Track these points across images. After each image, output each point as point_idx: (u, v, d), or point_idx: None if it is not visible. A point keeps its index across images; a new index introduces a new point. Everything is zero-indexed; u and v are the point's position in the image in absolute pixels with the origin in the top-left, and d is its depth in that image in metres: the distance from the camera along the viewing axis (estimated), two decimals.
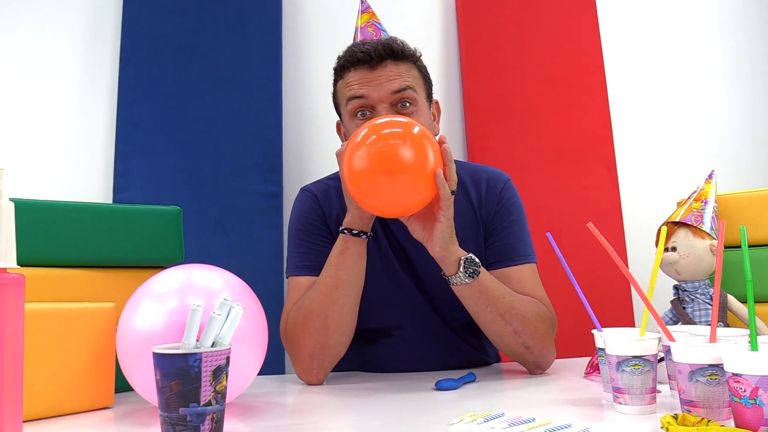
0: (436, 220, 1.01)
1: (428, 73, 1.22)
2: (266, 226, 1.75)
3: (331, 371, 1.12)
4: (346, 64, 1.15)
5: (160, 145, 1.74)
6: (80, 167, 1.79)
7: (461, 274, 1.04)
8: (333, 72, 1.21)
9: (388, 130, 1.00)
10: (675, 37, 2.18)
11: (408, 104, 1.13)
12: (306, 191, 1.26)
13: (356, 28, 1.50)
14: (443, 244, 1.02)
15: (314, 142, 1.91)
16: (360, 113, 1.14)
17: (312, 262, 1.15)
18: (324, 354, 1.07)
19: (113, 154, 1.74)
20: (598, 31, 2.05)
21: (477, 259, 1.05)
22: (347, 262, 1.07)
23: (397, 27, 1.93)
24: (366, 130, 1.00)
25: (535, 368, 1.11)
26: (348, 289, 1.07)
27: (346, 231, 1.08)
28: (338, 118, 1.24)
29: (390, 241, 1.19)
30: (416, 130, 0.99)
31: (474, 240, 1.17)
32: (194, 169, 1.74)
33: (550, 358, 1.12)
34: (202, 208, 1.71)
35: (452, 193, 1.01)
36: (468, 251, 1.06)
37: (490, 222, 1.20)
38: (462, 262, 1.04)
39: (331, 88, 1.24)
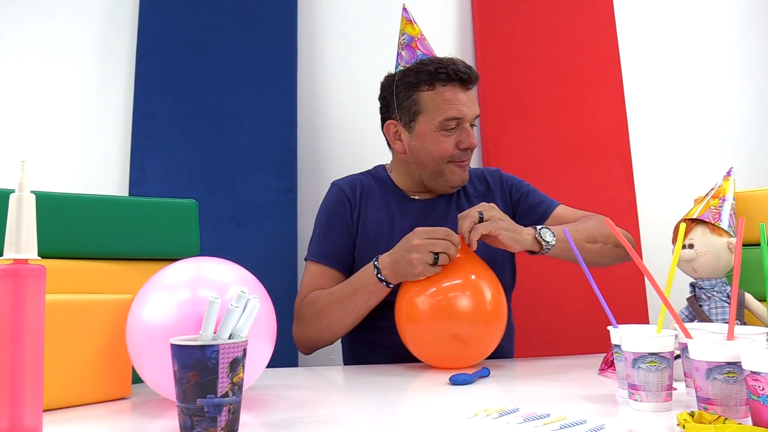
0: (495, 238, 1.12)
1: None
2: (280, 222, 1.75)
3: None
4: (444, 78, 1.25)
5: (175, 140, 1.75)
6: (97, 161, 1.80)
7: (545, 244, 1.14)
8: (415, 75, 1.28)
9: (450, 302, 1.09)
10: (691, 33, 2.16)
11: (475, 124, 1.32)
12: (335, 186, 1.39)
13: (413, 37, 1.39)
14: (515, 240, 1.13)
15: (328, 137, 1.91)
16: (450, 129, 1.27)
17: (324, 251, 1.31)
18: (321, 340, 1.26)
19: (129, 148, 1.75)
20: (615, 27, 2.03)
21: (541, 225, 1.17)
22: (371, 300, 1.19)
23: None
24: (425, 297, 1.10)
25: (619, 251, 1.26)
26: (358, 313, 1.21)
27: (383, 282, 1.14)
28: (389, 119, 1.33)
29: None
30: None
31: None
32: (209, 163, 1.75)
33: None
34: (217, 202, 1.72)
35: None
36: None
37: (510, 197, 1.36)
38: (538, 236, 1.14)
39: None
